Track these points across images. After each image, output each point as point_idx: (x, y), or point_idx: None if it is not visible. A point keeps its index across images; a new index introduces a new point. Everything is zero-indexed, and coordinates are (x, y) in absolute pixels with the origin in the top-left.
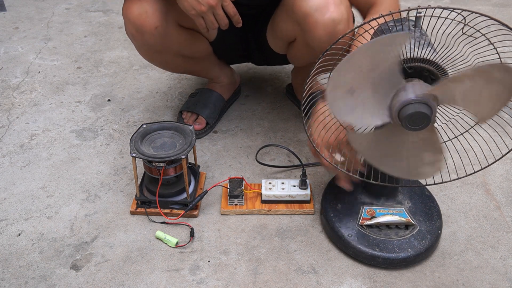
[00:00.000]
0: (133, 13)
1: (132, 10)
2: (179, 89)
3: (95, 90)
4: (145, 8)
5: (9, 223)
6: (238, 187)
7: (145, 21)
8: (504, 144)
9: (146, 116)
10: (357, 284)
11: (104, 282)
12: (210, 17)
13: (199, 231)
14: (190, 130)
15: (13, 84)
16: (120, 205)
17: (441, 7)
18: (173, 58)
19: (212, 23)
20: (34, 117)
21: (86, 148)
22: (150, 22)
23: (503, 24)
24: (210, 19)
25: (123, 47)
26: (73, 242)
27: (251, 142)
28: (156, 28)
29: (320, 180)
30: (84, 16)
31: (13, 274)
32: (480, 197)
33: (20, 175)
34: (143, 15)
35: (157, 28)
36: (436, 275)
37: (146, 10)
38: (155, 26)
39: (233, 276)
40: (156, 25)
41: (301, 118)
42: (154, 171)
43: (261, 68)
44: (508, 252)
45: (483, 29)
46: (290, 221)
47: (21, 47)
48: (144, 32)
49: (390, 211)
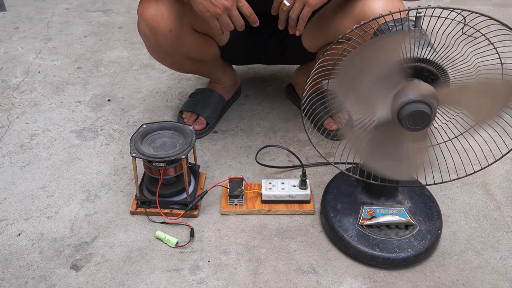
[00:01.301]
0: (149, 14)
1: (148, 10)
2: (179, 89)
3: (95, 90)
4: (161, 10)
5: (9, 223)
6: (238, 187)
7: (160, 23)
8: (504, 144)
9: (146, 116)
10: (357, 284)
11: (104, 282)
12: (225, 19)
13: (199, 231)
14: (190, 130)
15: (13, 84)
16: (120, 205)
17: (441, 7)
18: (182, 60)
19: (228, 24)
20: (34, 117)
21: (86, 148)
22: (165, 24)
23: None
24: (226, 20)
25: (123, 47)
26: (73, 242)
27: (251, 142)
28: (170, 31)
29: (320, 180)
30: (84, 16)
31: (13, 274)
32: (480, 197)
33: (20, 175)
34: (158, 16)
35: (171, 31)
36: (436, 275)
37: (162, 12)
38: (169, 29)
39: (233, 276)
40: (170, 28)
41: (301, 118)
42: (154, 171)
43: (261, 68)
44: (508, 252)
45: (483, 29)
46: (290, 221)
47: (21, 47)
48: (158, 34)
49: (390, 211)
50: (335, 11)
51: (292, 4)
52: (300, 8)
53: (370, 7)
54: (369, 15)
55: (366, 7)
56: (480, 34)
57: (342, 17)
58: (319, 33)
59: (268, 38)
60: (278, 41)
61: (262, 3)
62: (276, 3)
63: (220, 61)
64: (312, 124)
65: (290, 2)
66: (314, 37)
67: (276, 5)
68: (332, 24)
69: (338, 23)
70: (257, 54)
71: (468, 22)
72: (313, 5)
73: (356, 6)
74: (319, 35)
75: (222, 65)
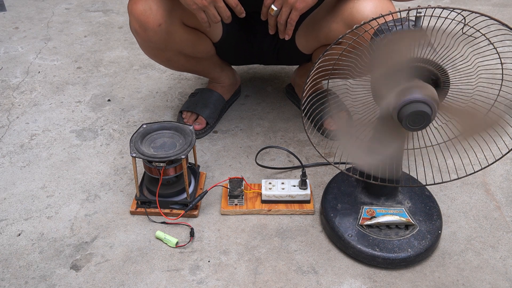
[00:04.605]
0: (137, 10)
1: (137, 6)
2: (179, 89)
3: (95, 90)
4: (150, 5)
5: (9, 223)
6: (238, 187)
7: (148, 18)
8: (504, 144)
9: (146, 116)
10: (357, 284)
11: (104, 282)
12: (211, 10)
13: (199, 231)
14: (190, 130)
15: (13, 84)
16: (120, 205)
17: (441, 7)
18: (176, 56)
19: (214, 16)
20: (34, 117)
21: (86, 148)
22: (153, 19)
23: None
24: (212, 12)
25: (123, 47)
26: (73, 242)
27: (251, 142)
28: (159, 26)
29: (320, 180)
30: (84, 16)
31: (13, 274)
32: (480, 197)
33: (20, 175)
34: (147, 11)
35: (160, 25)
36: (436, 275)
37: (150, 7)
38: (158, 23)
39: (233, 276)
40: (159, 23)
41: (301, 118)
42: (154, 171)
43: (261, 68)
44: (508, 252)
45: (483, 29)
46: (290, 221)
47: (21, 47)
48: (147, 29)
49: (390, 211)
50: (326, 14)
51: (280, 8)
52: (287, 12)
53: (359, 10)
54: (358, 18)
55: (354, 10)
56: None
57: (332, 20)
58: (311, 36)
59: (263, 38)
60: (274, 42)
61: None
62: (264, 8)
63: (217, 60)
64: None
65: (278, 7)
66: (306, 39)
67: (265, 10)
68: (323, 27)
69: (328, 26)
70: (254, 54)
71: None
72: (300, 9)
73: (345, 9)
74: (312, 37)
75: (219, 64)
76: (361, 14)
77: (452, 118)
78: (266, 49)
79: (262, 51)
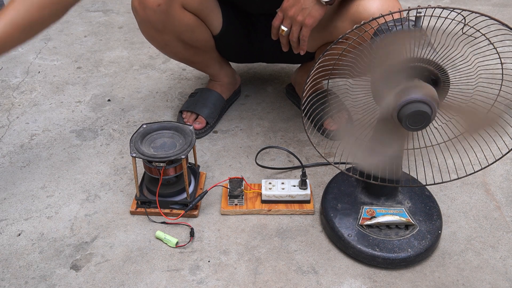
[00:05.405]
0: None
1: None
2: (179, 89)
3: (95, 90)
4: None
5: (9, 223)
6: (238, 187)
7: None
8: (504, 144)
9: (146, 116)
10: (357, 284)
11: (104, 282)
12: None
13: (199, 231)
14: (190, 130)
15: (13, 84)
16: (120, 205)
17: (441, 7)
18: (174, 42)
19: None
20: (34, 117)
21: (86, 148)
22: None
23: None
24: None
25: (123, 47)
26: (73, 242)
27: (251, 142)
28: (158, 6)
29: (320, 180)
30: (84, 16)
31: (13, 274)
32: (480, 197)
33: (20, 175)
34: None
35: (159, 5)
36: (436, 275)
37: None
38: (157, 3)
39: (233, 276)
40: (159, 3)
41: (301, 118)
42: (154, 171)
43: (261, 68)
44: (508, 252)
45: (483, 29)
46: (290, 221)
47: (21, 47)
48: (146, 8)
49: (390, 211)
50: (331, 13)
51: (290, 28)
52: (298, 31)
53: (365, 8)
54: (364, 16)
55: (361, 8)
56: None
57: (338, 18)
58: (317, 34)
59: (264, 37)
60: (275, 41)
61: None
62: (274, 29)
63: (217, 55)
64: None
65: (287, 27)
66: (312, 38)
67: (274, 31)
68: (329, 25)
69: (334, 25)
70: (254, 52)
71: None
72: (309, 25)
73: (351, 7)
74: (317, 36)
75: (219, 60)
76: (368, 11)
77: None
78: (268, 48)
79: (263, 49)
